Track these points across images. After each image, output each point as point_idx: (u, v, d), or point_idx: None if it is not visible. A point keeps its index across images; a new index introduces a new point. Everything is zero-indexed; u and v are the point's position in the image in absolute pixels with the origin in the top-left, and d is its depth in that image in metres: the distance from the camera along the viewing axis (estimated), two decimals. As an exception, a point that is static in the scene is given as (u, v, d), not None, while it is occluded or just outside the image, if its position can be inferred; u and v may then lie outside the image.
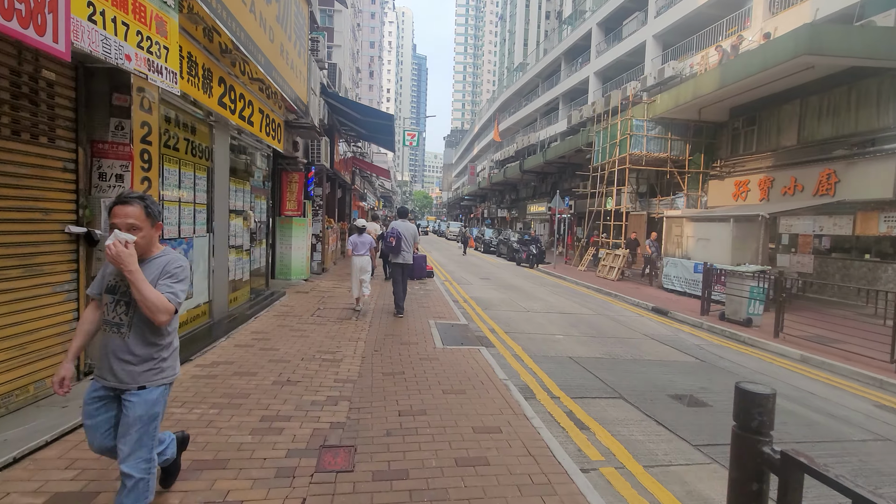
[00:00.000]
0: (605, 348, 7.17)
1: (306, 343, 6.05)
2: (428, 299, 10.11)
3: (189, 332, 5.79)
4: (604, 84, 30.33)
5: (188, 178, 5.68)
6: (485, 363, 5.55)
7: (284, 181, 11.47)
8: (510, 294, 12.39)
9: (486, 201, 57.53)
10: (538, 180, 38.25)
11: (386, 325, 7.40)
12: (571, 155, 27.11)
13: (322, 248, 13.55)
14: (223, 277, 6.81)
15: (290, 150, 10.72)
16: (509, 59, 69.09)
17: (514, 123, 47.71)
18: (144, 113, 4.31)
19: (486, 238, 30.63)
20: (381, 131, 15.49)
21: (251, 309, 7.69)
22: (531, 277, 17.01)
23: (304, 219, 11.77)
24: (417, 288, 11.83)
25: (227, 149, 6.82)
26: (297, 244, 11.61)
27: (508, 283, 14.90)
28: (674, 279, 14.08)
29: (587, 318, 9.71)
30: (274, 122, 8.52)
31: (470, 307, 10.09)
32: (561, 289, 14.27)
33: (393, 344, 6.26)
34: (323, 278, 12.65)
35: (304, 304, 8.72)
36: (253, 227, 8.26)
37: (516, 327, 8.29)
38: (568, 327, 8.58)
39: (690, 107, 16.21)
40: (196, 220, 5.92)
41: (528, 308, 10.42)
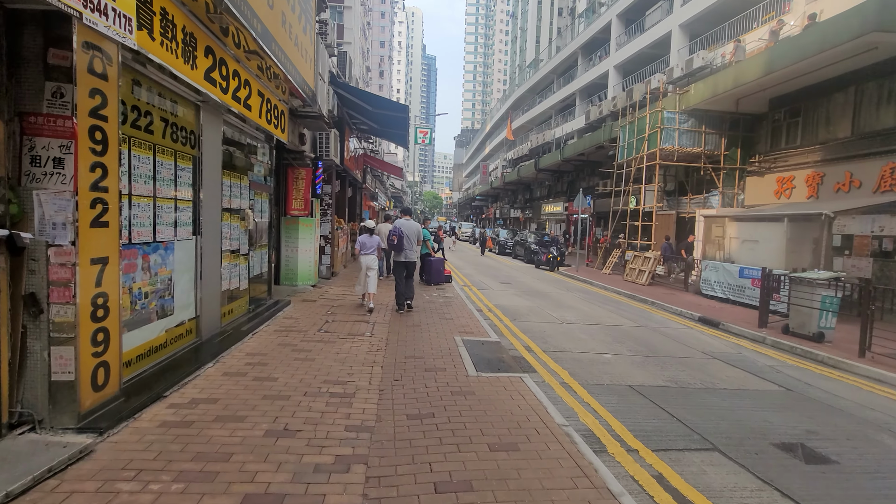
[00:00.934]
0: (666, 372, 6.01)
1: (311, 369, 4.98)
2: (450, 309, 9.01)
3: (168, 356, 4.75)
4: (624, 78, 29.02)
5: (167, 169, 4.64)
6: (532, 399, 4.43)
7: (290, 177, 10.44)
8: (537, 301, 11.24)
9: (498, 201, 56.34)
10: (553, 179, 37.01)
11: (405, 341, 6.32)
12: (591, 152, 25.88)
13: (331, 251, 12.52)
14: (214, 288, 5.77)
15: (296, 143, 9.69)
16: (521, 57, 67.85)
17: (528, 121, 46.46)
18: (96, 78, 3.27)
19: (500, 239, 29.49)
20: (395, 125, 14.44)
21: (249, 323, 6.65)
22: (554, 281, 15.83)
23: (312, 219, 10.74)
24: (436, 295, 10.74)
25: (219, 136, 5.79)
26: (303, 247, 10.58)
27: (532, 288, 13.75)
28: (714, 285, 12.83)
29: (631, 330, 8.54)
30: (276, 108, 7.49)
31: (496, 318, 8.97)
32: (590, 295, 13.09)
33: (416, 370, 5.16)
34: (332, 283, 11.61)
35: (311, 316, 7.67)
36: (252, 228, 7.23)
37: (555, 343, 7.16)
38: (613, 343, 7.43)
39: (728, 97, 14.94)
40: (179, 219, 4.88)
41: (561, 318, 9.28)
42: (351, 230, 17.04)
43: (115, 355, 3.59)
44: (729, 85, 14.07)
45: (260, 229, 7.78)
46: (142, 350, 4.30)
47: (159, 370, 4.42)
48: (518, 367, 5.60)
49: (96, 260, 3.35)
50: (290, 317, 7.52)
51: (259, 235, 7.78)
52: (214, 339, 5.63)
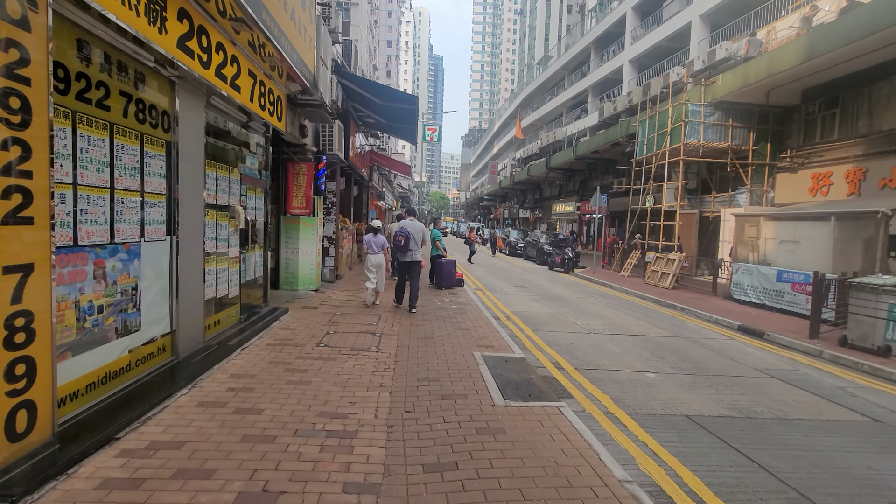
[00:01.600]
0: (722, 396, 5.11)
1: (306, 395, 4.14)
2: (464, 317, 8.14)
3: (132, 382, 3.93)
4: (640, 73, 28.01)
5: (130, 155, 3.82)
6: (578, 439, 3.55)
7: (290, 173, 9.64)
8: (557, 307, 10.35)
9: (506, 201, 55.37)
10: (565, 178, 36.02)
11: (417, 357, 5.46)
12: (606, 149, 24.89)
13: (335, 252, 11.71)
14: (195, 296, 4.95)
15: (296, 135, 8.88)
16: (529, 56, 66.95)
17: (538, 119, 45.50)
18: (11, 25, 2.45)
19: (511, 240, 28.58)
20: (403, 119, 13.60)
21: (239, 335, 5.83)
22: (572, 285, 14.92)
23: (314, 218, 9.93)
24: (448, 300, 9.88)
25: (201, 120, 4.97)
26: (305, 248, 9.77)
27: (549, 292, 12.85)
28: (747, 289, 11.87)
29: (667, 342, 7.63)
30: (272, 93, 6.67)
31: (516, 327, 8.10)
32: (612, 300, 12.16)
33: (431, 396, 4.30)
34: (336, 287, 10.79)
35: (310, 326, 6.84)
36: (244, 228, 6.42)
37: (586, 359, 6.27)
38: (652, 358, 6.53)
39: (759, 87, 13.95)
40: (147, 216, 4.07)
41: (587, 327, 8.38)
42: (357, 230, 16.24)
43: (46, 391, 2.77)
44: (762, 74, 13.08)
45: (254, 229, 6.97)
46: (94, 378, 3.48)
47: (118, 401, 3.60)
48: (551, 391, 4.72)
49: (13, 268, 2.53)
50: (286, 327, 6.70)
51: (253, 236, 6.96)
52: (195, 356, 4.81)
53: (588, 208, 30.74)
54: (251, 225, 6.82)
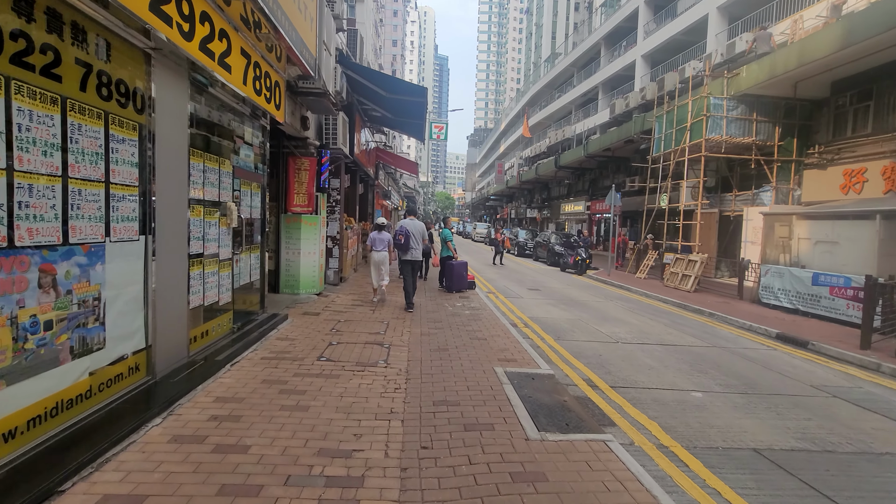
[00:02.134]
0: (787, 421, 4.40)
1: (302, 426, 3.47)
2: (479, 324, 7.46)
3: (93, 411, 3.28)
4: (653, 68, 27.21)
5: (89, 137, 3.17)
6: (638, 490, 2.85)
7: (291, 168, 9.00)
8: (577, 312, 9.64)
9: (513, 201, 54.62)
10: (574, 177, 35.26)
11: (431, 374, 4.78)
12: (619, 147, 24.14)
13: (340, 254, 11.06)
14: (177, 305, 4.30)
15: (297, 128, 8.24)
16: (536, 54, 66.22)
17: (546, 118, 44.72)
18: None
19: (519, 240, 27.83)
20: (411, 113, 12.93)
21: (231, 347, 5.18)
22: (587, 287, 14.19)
23: (317, 216, 9.28)
24: (461, 305, 9.20)
25: (183, 101, 4.32)
26: (307, 248, 9.12)
27: (565, 295, 12.13)
28: (778, 293, 11.11)
29: (704, 353, 6.91)
30: (269, 77, 6.02)
31: (536, 335, 7.40)
32: (633, 304, 11.44)
33: (451, 426, 3.62)
34: (341, 291, 10.13)
35: (312, 335, 6.18)
36: (238, 227, 5.76)
37: (620, 374, 5.57)
38: (693, 373, 5.82)
39: (787, 79, 13.17)
40: (113, 212, 3.42)
41: (614, 335, 7.68)
42: (362, 230, 15.60)
43: (-43, 439, 2.12)
44: (792, 64, 12.31)
45: (249, 228, 6.32)
46: (39, 410, 2.83)
47: (71, 438, 2.94)
48: (590, 418, 4.02)
49: None
50: (285, 337, 6.04)
51: (248, 235, 6.31)
52: (176, 375, 4.15)
53: (599, 207, 30.05)
54: (246, 223, 6.17)
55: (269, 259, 9.11)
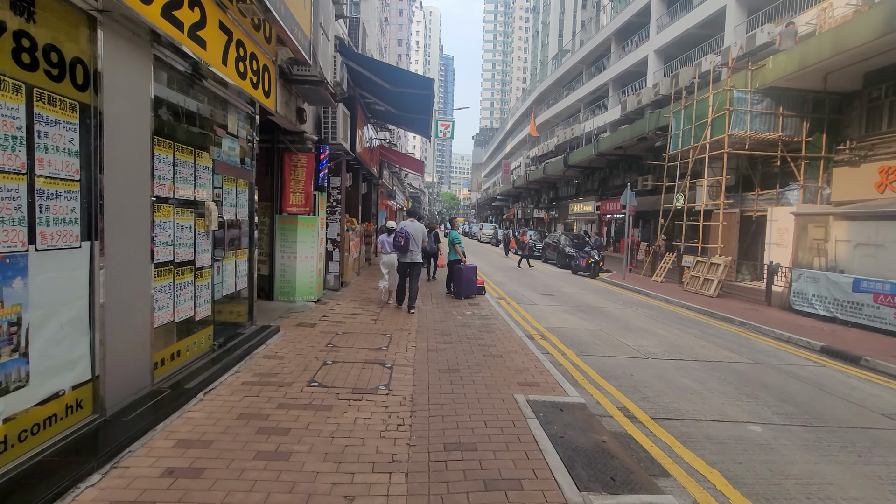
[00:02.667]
0: (876, 467, 3.62)
1: (280, 484, 2.74)
2: (493, 337, 6.70)
3: (14, 466, 2.56)
4: (666, 64, 26.35)
5: (3, 116, 2.45)
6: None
7: (287, 165, 8.29)
8: (597, 321, 8.87)
9: (520, 201, 53.83)
10: (583, 177, 34.44)
11: (441, 404, 4.04)
12: (631, 145, 23.32)
13: (340, 257, 10.34)
14: (137, 324, 3.59)
15: (293, 120, 7.52)
16: (543, 52, 65.46)
17: (554, 116, 43.88)
18: None
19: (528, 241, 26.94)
20: (417, 108, 12.19)
21: (208, 370, 4.46)
22: (603, 292, 13.40)
23: (315, 217, 8.57)
24: (470, 313, 8.45)
25: (145, 79, 3.60)
26: (304, 252, 8.40)
27: (581, 301, 11.35)
28: (813, 299, 10.28)
29: (746, 371, 6.12)
30: (255, 59, 5.30)
31: (557, 350, 6.64)
32: (656, 311, 10.64)
33: (468, 483, 2.87)
34: (341, 297, 9.41)
35: (304, 352, 5.45)
36: (218, 229, 5.04)
37: (660, 400, 4.80)
38: (741, 397, 5.04)
39: (818, 70, 12.33)
40: (42, 213, 2.70)
41: (642, 349, 6.90)
42: (365, 231, 14.88)
43: None
44: (825, 53, 11.46)
45: (235, 230, 5.61)
46: (-83, 480, 2.11)
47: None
48: (637, 465, 3.26)
49: None
50: (273, 354, 5.31)
51: (234, 239, 5.60)
52: (133, 410, 3.43)
53: (609, 207, 29.19)
54: (230, 225, 5.46)
55: (263, 264, 8.41)
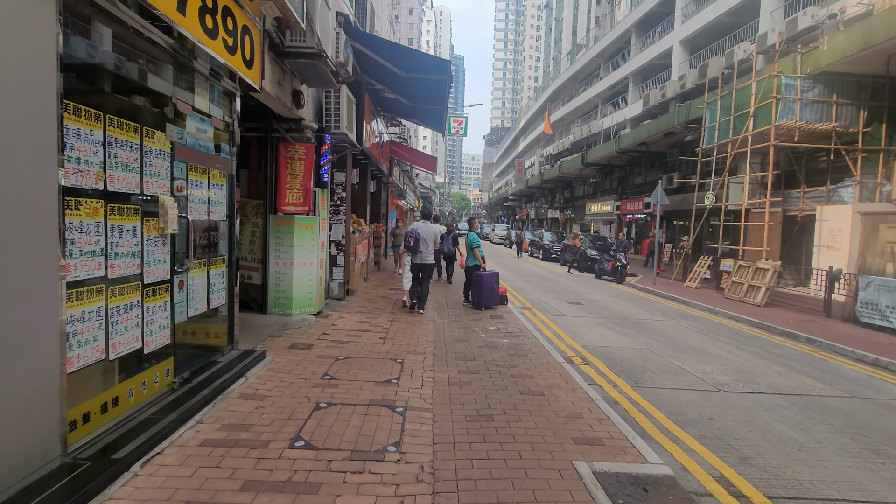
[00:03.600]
0: None
1: None
2: (526, 363, 5.49)
3: None
4: (692, 55, 24.89)
5: None
6: None
7: (282, 158, 7.16)
8: (641, 337, 7.62)
9: (533, 201, 52.44)
10: (601, 175, 33.06)
11: (474, 481, 2.86)
12: (657, 140, 21.94)
13: (346, 262, 9.20)
14: (38, 371, 2.46)
15: (289, 105, 6.39)
16: (556, 49, 64.13)
17: (569, 113, 42.47)
18: None
19: (544, 242, 25.64)
20: (431, 96, 11.02)
21: (160, 420, 3.32)
22: (636, 300, 12.11)
23: (315, 218, 7.43)
24: (494, 329, 7.24)
25: (43, 18, 2.47)
26: (301, 257, 7.27)
27: (615, 311, 10.09)
28: (887, 311, 8.92)
29: (852, 411, 4.84)
30: (231, 17, 4.17)
31: (604, 378, 5.41)
32: (703, 324, 9.34)
33: None
34: (346, 308, 8.27)
35: (292, 391, 4.29)
36: (181, 233, 3.90)
37: (767, 463, 3.55)
38: (870, 456, 3.77)
39: (882, 51, 10.95)
40: None
41: (708, 378, 5.65)
42: (374, 233, 13.76)
43: None
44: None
45: (208, 233, 4.48)
46: None
47: None
48: None
49: None
50: (252, 392, 4.16)
51: (207, 245, 4.47)
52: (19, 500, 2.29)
53: (630, 207, 27.73)
54: (202, 228, 4.32)
55: (255, 271, 7.30)
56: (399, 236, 13.34)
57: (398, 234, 13.70)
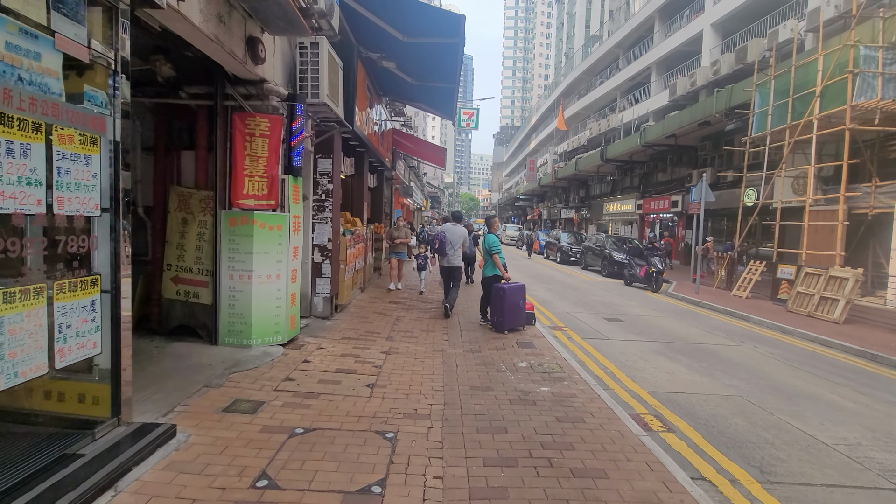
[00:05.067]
0: None
1: None
2: (586, 440, 3.54)
3: None
4: (725, 39, 22.73)
5: None
6: None
7: (239, 133, 5.28)
8: (722, 375, 5.64)
9: (545, 200, 50.33)
10: (620, 173, 30.95)
11: None
12: (689, 131, 19.85)
13: (333, 271, 7.32)
14: None
15: (240, 55, 4.51)
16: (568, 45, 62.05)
17: (585, 108, 40.31)
18: None
19: (562, 244, 23.56)
20: (440, 71, 9.11)
21: None
22: (684, 314, 10.11)
23: (284, 216, 5.55)
24: (525, 367, 5.30)
25: None
26: (264, 268, 5.38)
27: (666, 331, 8.12)
28: None
29: None
30: None
31: (704, 458, 3.45)
32: (783, 350, 7.33)
33: None
34: (331, 332, 6.37)
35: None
36: None
37: None
38: None
39: None
40: None
41: (857, 453, 3.68)
42: (374, 234, 11.85)
43: None
44: None
45: (64, 237, 2.61)
46: None
47: None
48: None
49: None
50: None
51: (57, 255, 2.60)
52: None
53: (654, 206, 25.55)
54: (46, 228, 2.46)
55: (203, 287, 5.43)
56: (397, 239, 10.65)
57: (397, 236, 10.70)
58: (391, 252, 10.83)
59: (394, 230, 10.93)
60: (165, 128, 5.62)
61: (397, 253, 10.69)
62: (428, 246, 10.92)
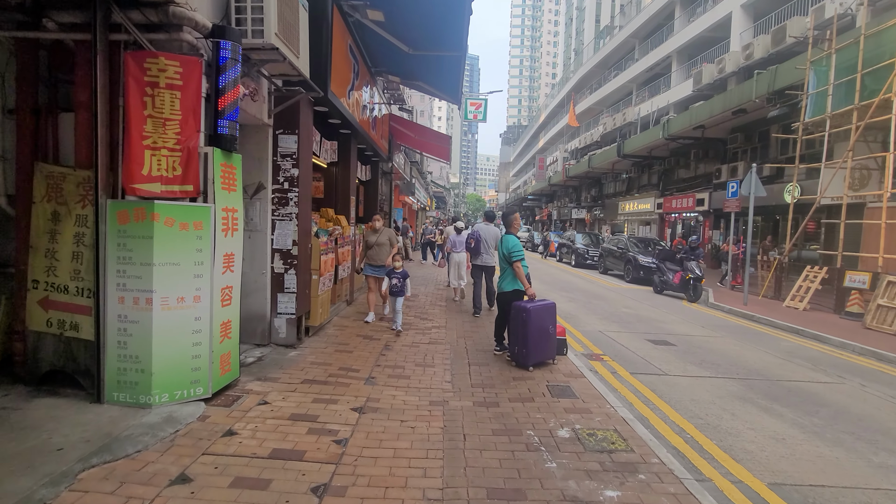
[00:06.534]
0: None
1: None
2: None
3: None
4: (757, 21, 20.75)
5: None
6: None
7: (133, 82, 3.46)
8: (854, 441, 3.75)
9: (555, 200, 48.35)
10: (637, 170, 29.04)
11: None
12: (720, 121, 17.93)
13: (299, 283, 5.50)
14: None
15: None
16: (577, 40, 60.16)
17: (597, 103, 38.34)
18: None
19: (578, 246, 21.59)
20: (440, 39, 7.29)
21: None
22: (744, 334, 8.20)
23: (206, 207, 3.73)
24: (568, 439, 3.43)
25: None
26: (170, 286, 3.56)
27: (735, 360, 6.22)
28: None
29: None
30: None
31: None
32: (890, 386, 5.42)
33: None
34: (289, 370, 4.53)
35: None
36: None
37: None
38: None
39: None
40: None
41: None
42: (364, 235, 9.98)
43: None
44: None
45: None
46: None
47: None
48: None
49: None
50: None
51: None
52: None
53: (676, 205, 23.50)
54: None
55: (84, 315, 3.61)
56: (378, 245, 7.05)
57: (375, 242, 7.06)
58: (367, 265, 7.20)
59: (369, 233, 7.23)
60: (32, 78, 3.81)
61: (374, 267, 7.12)
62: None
